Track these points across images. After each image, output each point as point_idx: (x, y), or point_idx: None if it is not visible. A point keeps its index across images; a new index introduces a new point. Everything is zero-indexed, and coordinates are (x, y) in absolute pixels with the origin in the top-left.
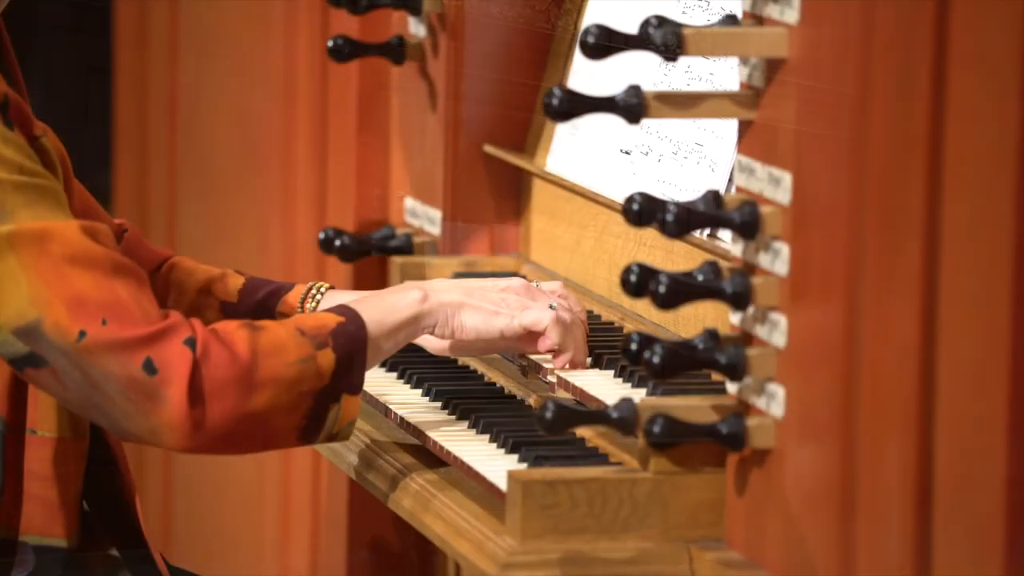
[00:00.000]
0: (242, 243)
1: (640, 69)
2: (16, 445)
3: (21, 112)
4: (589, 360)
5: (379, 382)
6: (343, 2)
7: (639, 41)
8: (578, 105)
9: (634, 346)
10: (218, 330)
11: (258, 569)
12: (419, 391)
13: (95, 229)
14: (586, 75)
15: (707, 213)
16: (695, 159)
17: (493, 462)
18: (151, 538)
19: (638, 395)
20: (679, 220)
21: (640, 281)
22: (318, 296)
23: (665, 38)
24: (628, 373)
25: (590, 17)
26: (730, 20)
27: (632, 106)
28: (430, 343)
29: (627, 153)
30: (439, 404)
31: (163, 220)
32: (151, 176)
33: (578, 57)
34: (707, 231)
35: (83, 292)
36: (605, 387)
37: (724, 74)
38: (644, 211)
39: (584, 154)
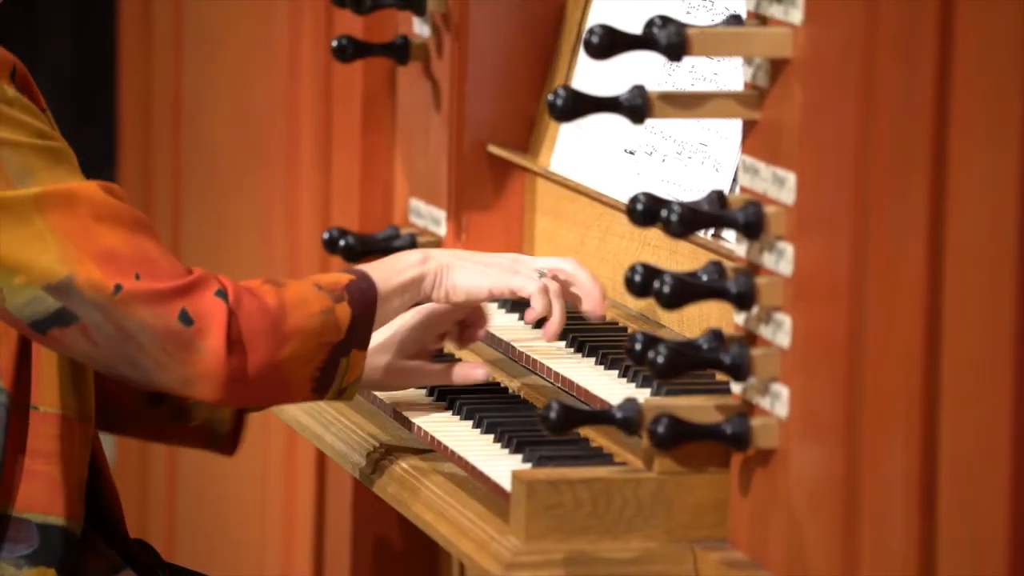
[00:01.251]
0: (246, 243)
1: (644, 69)
2: (20, 421)
3: (28, 82)
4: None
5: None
6: (347, 2)
7: (643, 41)
8: (582, 105)
9: (638, 346)
10: (244, 284)
11: (262, 569)
12: (423, 391)
13: (112, 188)
14: (590, 75)
15: (711, 213)
16: (699, 159)
17: (497, 462)
18: (141, 536)
19: (642, 395)
20: (683, 220)
21: (644, 281)
22: None
23: (669, 38)
24: (632, 373)
25: (594, 17)
26: (734, 20)
27: (636, 106)
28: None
29: (631, 153)
30: (443, 404)
31: (167, 219)
32: (155, 175)
33: (582, 57)
34: (711, 231)
35: (113, 248)
36: (609, 387)
37: (728, 74)
38: (648, 211)
39: (588, 154)
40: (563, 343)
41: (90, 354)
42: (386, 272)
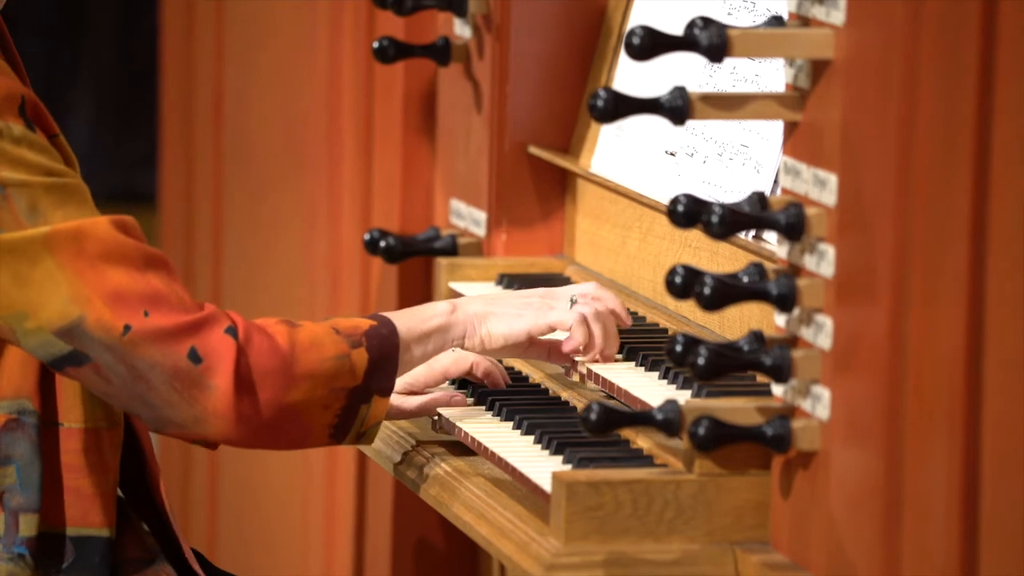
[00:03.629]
0: (287, 244)
1: (685, 70)
2: (50, 439)
3: (39, 112)
4: (620, 355)
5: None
6: (389, 3)
7: (685, 42)
8: (623, 106)
9: (679, 348)
10: (256, 322)
11: (303, 571)
12: (464, 391)
13: (124, 223)
14: (631, 76)
15: (752, 215)
16: (740, 160)
17: (538, 463)
18: (180, 527)
19: (683, 397)
20: (724, 222)
21: (685, 283)
22: None
23: (711, 39)
24: (673, 375)
25: (635, 18)
26: (776, 21)
27: (677, 107)
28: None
29: (672, 154)
30: (483, 406)
31: (208, 220)
32: (197, 177)
33: (623, 58)
34: (752, 233)
35: (121, 287)
36: (650, 388)
37: (770, 75)
38: (689, 212)
39: (629, 155)
40: None
41: (105, 391)
42: (410, 319)
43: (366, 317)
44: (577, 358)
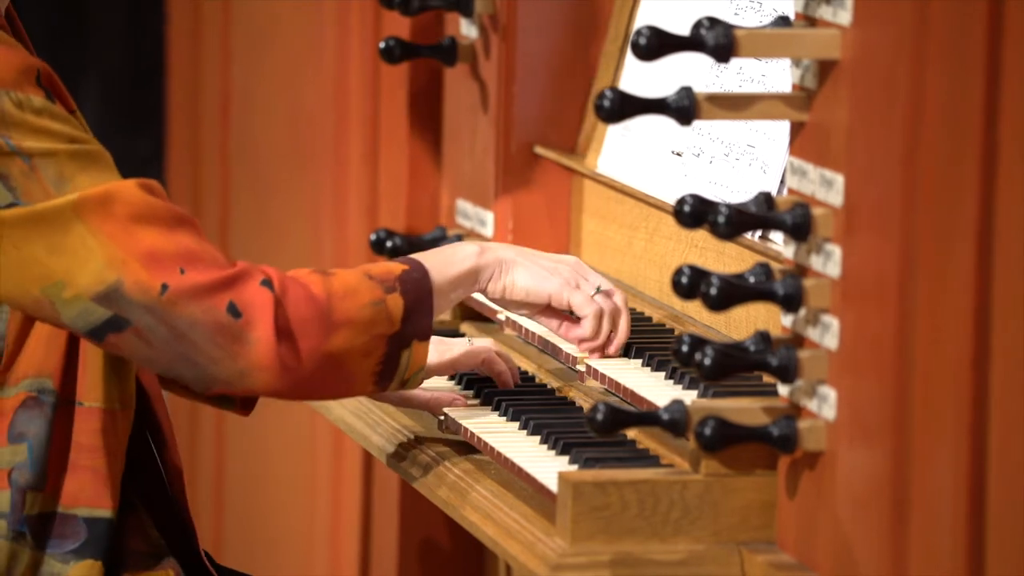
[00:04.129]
0: (293, 244)
1: (692, 70)
2: (65, 417)
3: (56, 84)
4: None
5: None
6: (395, 3)
7: (691, 42)
8: (629, 106)
9: (685, 348)
10: (290, 273)
11: (309, 570)
12: (469, 392)
13: (150, 185)
14: (638, 76)
15: (759, 215)
16: (747, 161)
17: (543, 463)
18: (196, 524)
19: (689, 397)
20: (730, 222)
21: (691, 283)
22: None
23: (717, 39)
24: (679, 375)
25: (642, 18)
26: (782, 21)
27: (683, 107)
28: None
29: (678, 154)
30: (490, 406)
31: (215, 220)
32: (203, 176)
33: (630, 58)
34: (759, 233)
35: (154, 247)
36: (656, 389)
37: (776, 75)
38: (695, 213)
39: (635, 155)
40: None
41: (148, 356)
42: (441, 262)
43: (397, 261)
44: (576, 354)
